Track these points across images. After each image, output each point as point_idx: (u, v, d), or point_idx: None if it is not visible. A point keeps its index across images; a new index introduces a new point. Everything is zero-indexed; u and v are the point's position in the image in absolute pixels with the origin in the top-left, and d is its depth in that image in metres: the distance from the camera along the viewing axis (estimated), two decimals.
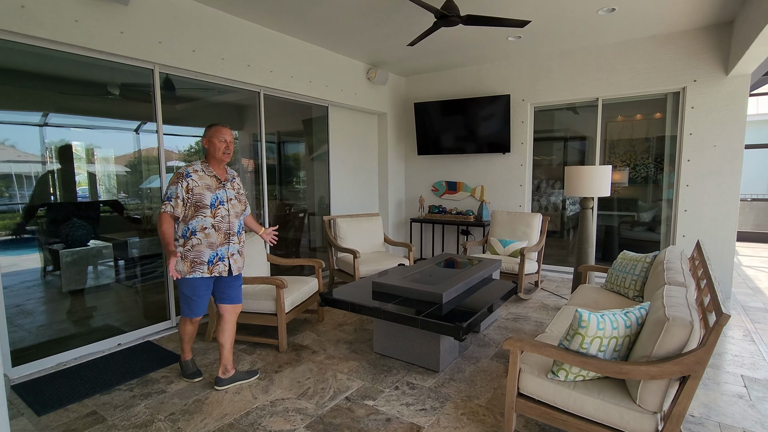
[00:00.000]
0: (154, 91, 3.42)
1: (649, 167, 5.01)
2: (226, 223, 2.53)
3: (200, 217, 2.43)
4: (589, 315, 1.78)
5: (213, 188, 2.49)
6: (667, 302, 1.82)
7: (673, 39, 4.45)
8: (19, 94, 2.96)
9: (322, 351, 3.18)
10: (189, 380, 2.72)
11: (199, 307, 2.56)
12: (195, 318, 2.62)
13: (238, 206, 2.60)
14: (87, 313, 3.41)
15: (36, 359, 2.92)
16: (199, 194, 2.43)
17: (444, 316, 2.60)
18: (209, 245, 2.47)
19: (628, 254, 3.27)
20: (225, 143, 2.48)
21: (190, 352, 2.79)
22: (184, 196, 2.39)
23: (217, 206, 2.49)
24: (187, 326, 2.67)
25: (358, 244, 4.78)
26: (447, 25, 3.24)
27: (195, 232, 2.44)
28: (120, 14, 3.03)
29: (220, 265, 2.52)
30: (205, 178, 2.48)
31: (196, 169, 2.48)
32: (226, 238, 2.54)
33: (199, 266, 2.45)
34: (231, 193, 2.58)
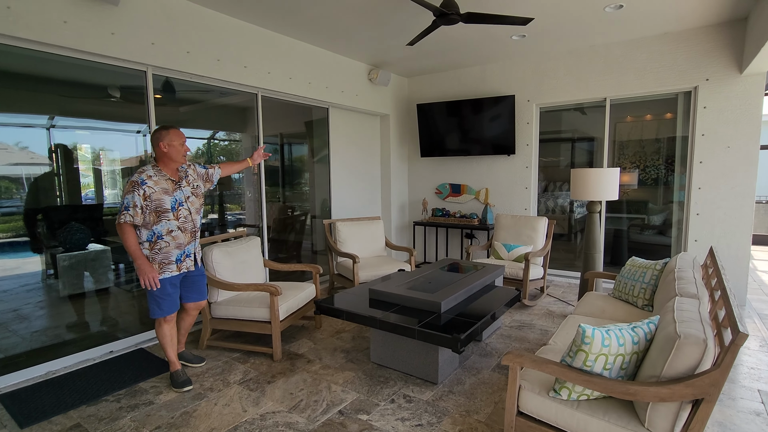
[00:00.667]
0: (147, 93, 3.35)
1: (660, 169, 4.84)
2: (190, 222, 2.62)
3: (164, 221, 2.48)
4: (593, 330, 1.65)
5: (170, 191, 2.52)
6: (678, 316, 1.69)
7: (684, 36, 4.29)
8: (22, 98, 2.95)
9: (317, 360, 3.08)
10: (179, 390, 2.64)
11: (169, 305, 2.59)
12: (168, 316, 2.62)
13: (196, 202, 2.68)
14: (82, 318, 3.36)
15: (26, 367, 2.86)
16: (158, 200, 2.45)
17: (442, 327, 2.48)
18: (177, 246, 2.56)
19: (637, 261, 3.13)
20: (185, 146, 2.56)
21: (177, 361, 2.72)
22: (141, 204, 2.39)
23: (178, 208, 2.55)
24: (163, 328, 2.65)
25: (358, 249, 4.68)
26: (447, 23, 3.14)
27: (162, 236, 2.49)
28: (111, 15, 2.96)
29: (187, 261, 2.64)
30: (161, 182, 2.49)
31: (150, 174, 2.47)
32: (192, 236, 2.65)
33: (167, 266, 2.54)
34: (187, 190, 2.63)
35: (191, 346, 3.34)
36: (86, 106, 3.30)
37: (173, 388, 2.66)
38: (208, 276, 3.12)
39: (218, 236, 3.61)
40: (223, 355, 3.17)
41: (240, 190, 4.77)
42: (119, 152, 3.56)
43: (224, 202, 4.66)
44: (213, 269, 3.19)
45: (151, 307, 2.57)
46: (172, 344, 2.71)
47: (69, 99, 3.23)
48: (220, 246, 3.32)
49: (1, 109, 2.85)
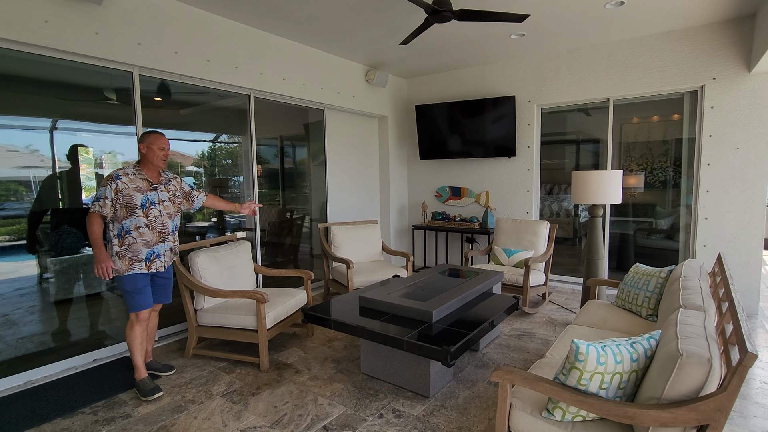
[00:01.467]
0: (134, 95, 3.28)
1: (667, 171, 4.68)
2: (160, 223, 2.66)
3: (133, 217, 2.54)
4: (588, 347, 1.52)
5: (144, 190, 2.59)
6: (681, 331, 1.55)
7: (689, 34, 4.14)
8: (19, 101, 2.92)
9: (306, 370, 2.96)
10: (147, 398, 2.56)
11: (144, 298, 2.62)
12: (142, 313, 2.62)
13: (171, 207, 2.74)
14: (71, 324, 3.27)
15: (6, 376, 2.78)
16: (129, 195, 2.52)
17: (432, 338, 2.36)
18: (145, 243, 2.60)
19: (641, 268, 2.98)
20: (164, 151, 2.65)
21: (144, 368, 2.67)
22: (112, 197, 2.48)
23: (149, 207, 2.60)
24: (134, 330, 2.63)
25: (353, 253, 4.57)
26: (439, 20, 3.02)
27: (129, 231, 2.55)
28: (94, 14, 2.89)
29: (157, 262, 2.66)
30: (136, 180, 2.58)
31: (127, 172, 2.57)
32: (161, 237, 2.68)
33: (137, 263, 2.57)
34: (164, 195, 2.70)
35: (176, 354, 3.25)
36: (87, 109, 3.25)
37: (141, 398, 2.58)
38: (193, 282, 3.02)
39: (206, 241, 3.52)
40: (209, 365, 3.07)
41: (239, 193, 4.68)
42: (124, 155, 3.53)
43: None
44: (199, 275, 3.09)
45: (127, 303, 2.62)
46: (141, 348, 2.67)
47: (69, 102, 3.18)
48: (207, 251, 3.22)
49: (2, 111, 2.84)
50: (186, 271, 3.08)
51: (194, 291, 3.08)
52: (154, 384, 2.63)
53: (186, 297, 3.09)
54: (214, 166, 4.44)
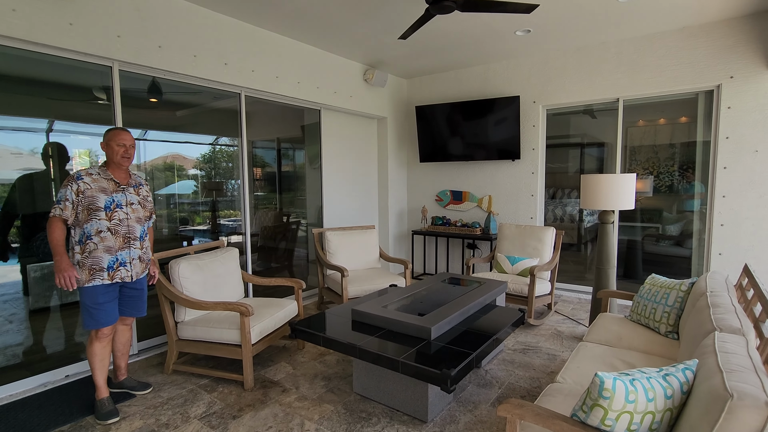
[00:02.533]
0: (113, 91, 3.06)
1: (674, 175, 4.45)
2: (125, 227, 2.43)
3: (95, 221, 2.32)
4: (614, 381, 1.29)
5: (109, 191, 2.39)
6: (724, 363, 1.32)
7: (704, 31, 3.92)
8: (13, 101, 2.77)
9: (294, 389, 2.73)
10: (102, 422, 2.34)
11: (103, 316, 2.37)
12: (101, 332, 2.39)
13: (140, 211, 2.52)
14: (47, 335, 3.04)
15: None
16: (92, 197, 2.32)
17: (430, 358, 2.13)
18: (107, 250, 2.36)
19: (657, 279, 2.74)
20: (123, 147, 2.41)
21: (105, 387, 2.44)
22: (74, 198, 2.28)
23: (113, 209, 2.39)
24: (94, 346, 2.40)
25: (349, 260, 4.34)
26: (441, 11, 2.81)
27: (91, 236, 2.32)
28: (68, 3, 2.68)
29: (121, 271, 2.42)
30: (101, 181, 2.38)
31: (91, 172, 2.38)
32: (126, 243, 2.44)
33: (98, 273, 2.33)
34: (133, 197, 2.50)
35: (156, 369, 3.02)
36: (81, 110, 3.06)
37: (97, 420, 2.35)
38: (172, 292, 2.79)
39: (191, 247, 3.29)
40: (190, 382, 2.84)
41: (235, 196, 4.46)
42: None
43: (218, 209, 4.36)
44: (179, 285, 2.87)
45: (84, 319, 2.37)
46: (103, 367, 2.44)
47: (67, 103, 3.01)
48: (189, 259, 2.99)
49: None
50: (166, 280, 2.85)
51: (175, 302, 2.85)
52: (112, 407, 2.39)
53: (166, 309, 2.86)
54: (212, 169, 4.24)
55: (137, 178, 2.58)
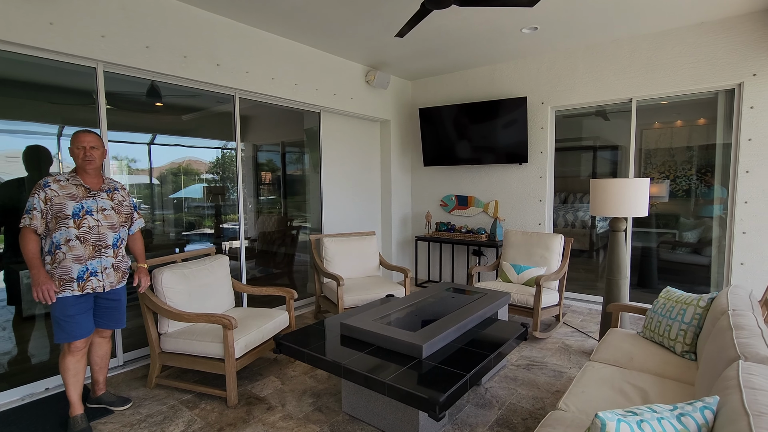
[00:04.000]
0: (97, 93, 2.96)
1: (691, 179, 4.18)
2: (95, 235, 2.30)
3: (63, 229, 2.21)
4: (618, 424, 1.09)
5: (78, 198, 2.27)
6: (750, 404, 1.11)
7: (725, 26, 3.68)
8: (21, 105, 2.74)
9: (279, 407, 2.57)
10: None
11: (74, 328, 2.24)
12: (74, 345, 2.27)
13: (114, 217, 2.39)
14: (31, 345, 2.94)
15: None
16: (59, 204, 2.21)
17: (420, 379, 1.94)
18: (76, 259, 2.24)
19: (673, 293, 2.52)
20: (83, 150, 2.28)
21: (79, 403, 2.31)
22: (42, 207, 2.19)
23: (83, 216, 2.26)
24: (66, 360, 2.28)
25: (347, 268, 4.18)
26: (437, 6, 2.64)
27: (59, 246, 2.22)
28: (49, 2, 2.59)
29: (93, 281, 2.29)
30: (69, 187, 2.27)
31: (59, 179, 2.26)
32: (96, 251, 2.31)
33: (68, 284, 2.22)
34: (106, 203, 2.37)
35: (139, 382, 2.89)
36: (82, 114, 3.00)
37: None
38: (154, 302, 2.67)
39: (178, 255, 3.17)
40: (172, 397, 2.70)
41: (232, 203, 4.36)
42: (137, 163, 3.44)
43: (222, 213, 4.26)
44: (162, 294, 2.74)
45: (54, 331, 2.25)
46: (76, 382, 2.31)
47: (73, 107, 2.95)
48: (175, 267, 2.87)
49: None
50: (149, 290, 2.73)
51: (158, 314, 2.72)
52: (85, 425, 2.27)
53: (149, 319, 2.74)
54: (218, 173, 4.14)
55: (112, 182, 2.46)
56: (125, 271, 2.48)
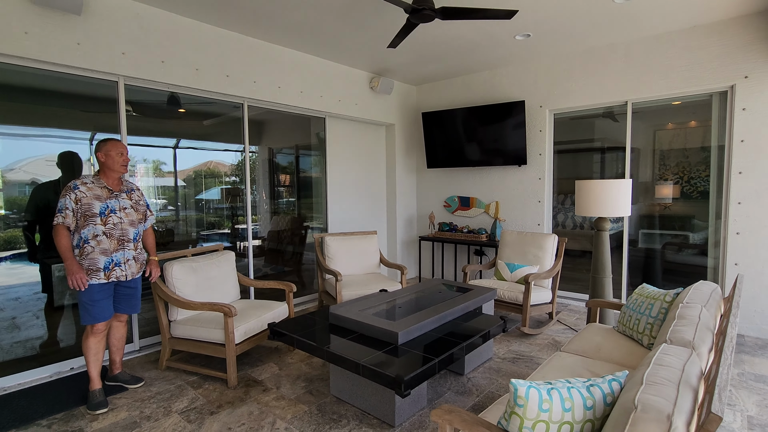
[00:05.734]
0: (118, 104, 3.29)
1: (701, 181, 4.19)
2: (119, 230, 2.61)
3: (91, 226, 2.51)
4: (528, 389, 1.27)
5: (103, 198, 2.56)
6: (650, 375, 1.27)
7: (717, 29, 3.73)
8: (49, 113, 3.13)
9: (274, 389, 2.81)
10: (92, 412, 2.51)
11: (98, 311, 2.55)
12: (96, 327, 2.57)
13: (133, 214, 2.70)
14: (62, 330, 3.29)
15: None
16: (88, 204, 2.50)
17: (392, 362, 2.14)
18: (102, 252, 2.54)
19: (646, 289, 2.63)
20: (122, 156, 2.62)
21: (98, 379, 2.61)
22: (73, 207, 2.47)
23: (108, 214, 2.56)
24: (89, 341, 2.58)
25: (348, 265, 4.40)
26: (422, 20, 2.84)
27: (87, 240, 2.50)
28: (75, 25, 2.93)
29: (117, 271, 2.60)
30: (95, 189, 2.56)
31: (85, 181, 2.55)
32: (120, 245, 2.62)
33: (95, 273, 2.52)
34: (126, 202, 2.67)
35: (152, 365, 3.19)
36: (110, 121, 3.37)
37: (87, 410, 2.52)
38: (165, 292, 2.96)
39: (188, 251, 3.47)
40: (180, 378, 2.98)
41: (255, 203, 4.68)
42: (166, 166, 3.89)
43: (237, 214, 4.57)
44: (172, 285, 3.03)
45: (81, 314, 2.55)
46: (96, 360, 2.62)
47: (102, 114, 3.33)
48: (184, 261, 3.16)
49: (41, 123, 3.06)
50: (160, 281, 3.03)
51: (169, 303, 3.02)
52: (102, 398, 2.57)
53: (160, 308, 3.04)
54: (236, 176, 4.45)
55: (129, 184, 2.76)
56: (142, 263, 2.79)
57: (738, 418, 2.44)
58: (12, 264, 3.18)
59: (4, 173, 3.01)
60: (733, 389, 2.78)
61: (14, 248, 3.18)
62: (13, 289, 3.15)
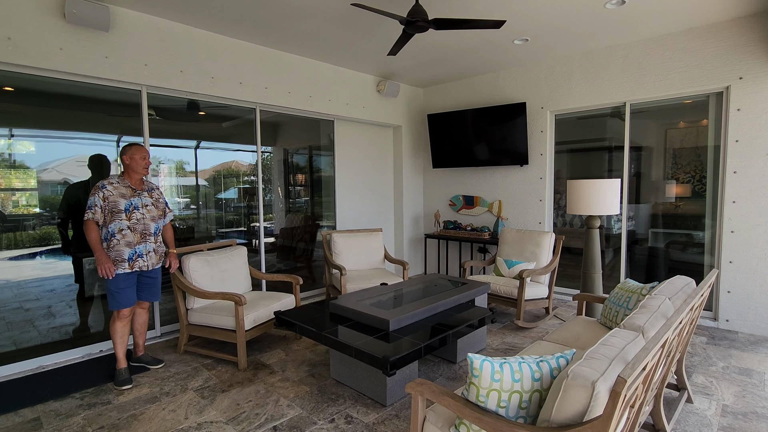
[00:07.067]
0: (141, 111, 3.60)
1: (696, 179, 4.25)
2: (141, 225, 2.91)
3: (117, 221, 2.80)
4: (482, 362, 1.47)
5: (127, 196, 2.87)
6: (591, 352, 1.46)
7: (712, 31, 3.80)
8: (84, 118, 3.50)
9: (280, 372, 3.07)
10: (118, 388, 2.81)
11: (124, 298, 2.84)
12: (122, 312, 2.86)
13: (154, 211, 3.00)
14: (92, 317, 3.62)
15: (24, 360, 3.14)
16: (114, 201, 2.80)
17: (381, 346, 2.36)
18: (127, 244, 2.84)
19: (627, 284, 2.77)
20: (145, 160, 2.94)
21: (123, 359, 2.90)
22: (101, 204, 2.77)
23: (132, 211, 2.87)
24: (116, 325, 2.88)
25: (354, 261, 4.64)
26: (417, 30, 3.04)
27: (114, 234, 2.80)
28: (103, 40, 3.24)
29: (139, 261, 2.90)
30: (120, 188, 2.86)
31: (112, 181, 2.85)
32: (142, 238, 2.91)
33: (121, 264, 2.81)
34: (147, 200, 2.97)
35: (171, 349, 3.50)
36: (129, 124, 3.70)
37: (114, 386, 2.82)
38: (183, 282, 3.25)
39: (204, 245, 3.76)
40: (196, 361, 3.28)
41: (270, 201, 4.98)
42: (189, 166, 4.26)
43: (253, 212, 4.86)
44: (189, 276, 3.32)
45: (108, 300, 2.87)
46: (122, 342, 2.92)
47: (127, 119, 3.68)
48: (200, 254, 3.45)
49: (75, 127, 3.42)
50: (179, 272, 3.32)
51: (186, 292, 3.31)
52: (128, 376, 2.87)
53: (179, 297, 3.33)
54: (252, 176, 4.74)
55: (150, 183, 3.06)
56: (161, 255, 3.08)
57: (713, 406, 2.57)
58: (47, 259, 3.53)
59: (39, 173, 3.35)
60: (714, 380, 2.90)
61: (48, 244, 3.53)
62: (48, 281, 3.50)
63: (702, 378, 2.93)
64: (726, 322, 3.90)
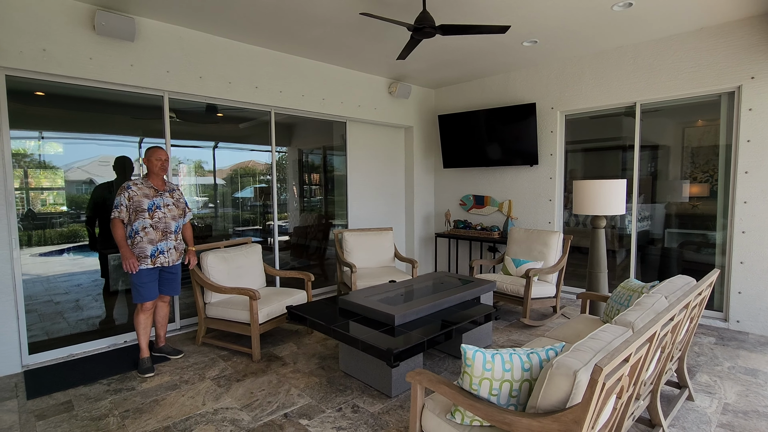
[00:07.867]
0: (164, 115, 3.80)
1: (717, 180, 4.20)
2: (163, 223, 3.09)
3: (140, 219, 3.00)
4: (474, 352, 1.58)
5: (150, 196, 3.06)
6: (579, 345, 1.54)
7: (724, 31, 3.79)
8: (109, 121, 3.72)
9: (291, 364, 3.22)
10: (141, 375, 3.00)
11: (147, 292, 3.04)
12: (145, 305, 3.06)
13: (175, 210, 3.19)
14: (116, 310, 3.85)
15: (56, 348, 3.37)
16: (138, 201, 2.99)
17: (386, 339, 2.48)
18: (150, 241, 3.03)
19: (630, 282, 2.82)
20: (160, 161, 3.10)
21: (146, 349, 3.09)
22: (126, 203, 2.97)
23: (154, 210, 3.06)
24: (139, 317, 3.07)
25: (364, 259, 4.77)
26: (424, 36, 3.14)
27: (137, 232, 3.00)
28: (129, 50, 3.44)
29: (161, 258, 3.08)
30: (144, 188, 3.06)
31: (136, 182, 3.06)
32: (164, 236, 3.10)
33: (144, 259, 3.00)
34: (169, 200, 3.16)
35: (190, 341, 3.69)
36: (153, 126, 3.90)
37: (138, 374, 3.01)
38: (201, 278, 3.43)
39: (221, 243, 3.94)
40: (213, 352, 3.45)
41: (286, 201, 5.16)
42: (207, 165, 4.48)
43: (268, 211, 5.04)
44: (207, 272, 3.50)
45: (132, 294, 3.05)
46: (145, 333, 3.11)
47: (149, 121, 3.88)
48: (217, 252, 3.63)
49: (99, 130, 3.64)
50: (197, 268, 3.50)
51: (204, 287, 3.49)
52: (150, 365, 3.06)
53: (197, 292, 3.52)
54: (268, 176, 4.92)
55: (171, 184, 3.25)
56: (181, 252, 3.26)
57: (714, 404, 2.60)
58: (74, 255, 3.75)
59: (66, 172, 3.58)
60: (718, 379, 2.92)
61: (75, 241, 3.76)
62: (76, 277, 3.72)
63: (706, 377, 2.96)
64: (737, 323, 3.88)
